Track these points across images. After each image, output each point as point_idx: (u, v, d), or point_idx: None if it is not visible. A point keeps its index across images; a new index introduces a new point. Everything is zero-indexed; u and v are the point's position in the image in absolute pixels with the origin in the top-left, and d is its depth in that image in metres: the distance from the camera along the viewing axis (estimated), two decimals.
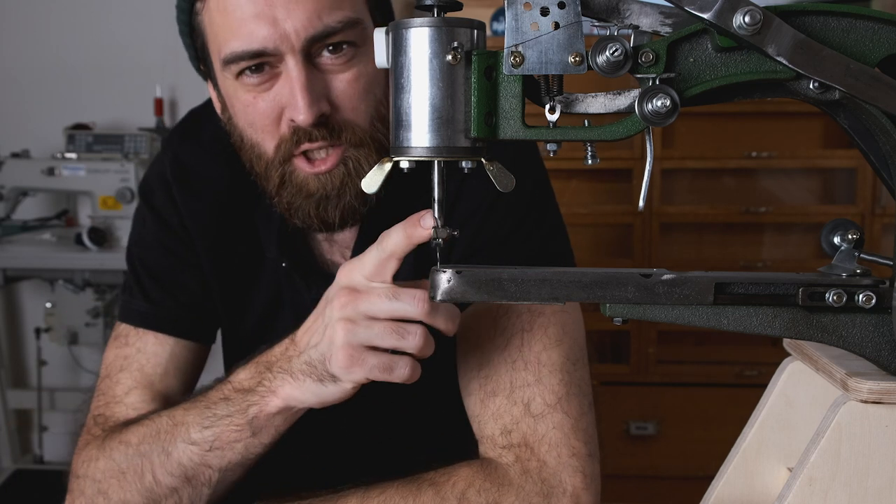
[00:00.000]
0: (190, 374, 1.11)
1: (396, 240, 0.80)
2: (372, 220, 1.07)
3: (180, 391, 1.10)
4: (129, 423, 1.02)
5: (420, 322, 0.82)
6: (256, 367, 0.92)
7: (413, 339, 0.81)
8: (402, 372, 0.83)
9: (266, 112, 0.97)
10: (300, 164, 0.99)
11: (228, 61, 0.96)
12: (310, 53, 0.95)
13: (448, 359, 1.05)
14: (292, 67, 0.94)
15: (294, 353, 0.88)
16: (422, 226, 0.78)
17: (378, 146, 0.99)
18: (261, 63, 0.95)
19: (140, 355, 1.08)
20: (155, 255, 1.13)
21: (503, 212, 1.05)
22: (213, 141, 1.13)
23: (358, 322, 0.81)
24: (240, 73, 0.97)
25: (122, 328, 1.11)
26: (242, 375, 0.93)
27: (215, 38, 0.98)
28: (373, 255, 0.82)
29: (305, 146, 0.97)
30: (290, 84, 0.95)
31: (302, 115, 0.94)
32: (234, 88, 0.99)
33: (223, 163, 1.12)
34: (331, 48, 0.96)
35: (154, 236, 1.13)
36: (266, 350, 0.93)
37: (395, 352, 0.83)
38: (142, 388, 1.07)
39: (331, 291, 0.85)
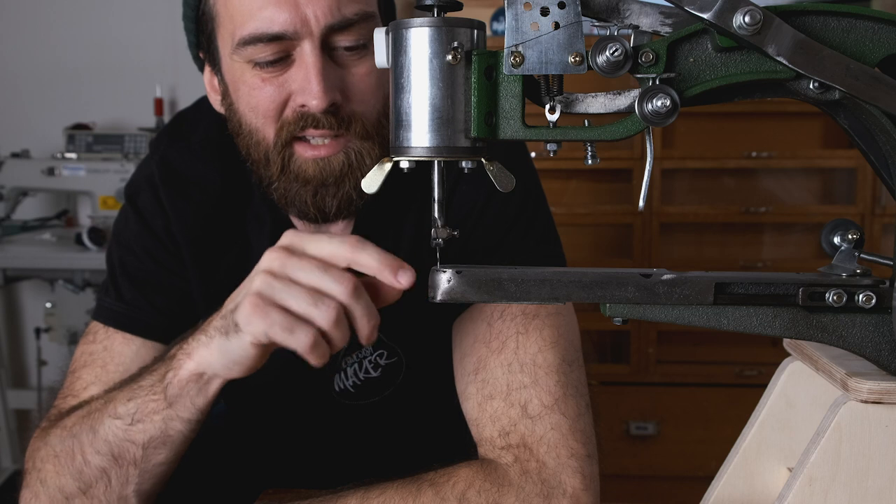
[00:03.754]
0: None
1: (366, 260, 0.79)
2: (365, 221, 1.07)
3: None
4: (72, 410, 1.00)
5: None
6: (184, 337, 0.90)
7: (325, 311, 0.78)
8: (302, 338, 0.78)
9: (272, 96, 0.97)
10: (300, 150, 0.98)
11: (245, 43, 0.95)
12: (326, 43, 0.95)
13: (446, 361, 1.05)
14: (309, 53, 0.94)
15: (217, 315, 0.86)
16: (397, 279, 0.78)
17: (382, 142, 0.99)
18: (276, 56, 0.95)
19: (105, 353, 1.08)
20: (134, 257, 1.12)
21: (494, 215, 1.05)
22: (203, 144, 1.13)
23: (279, 277, 0.80)
24: (255, 65, 0.96)
25: (93, 325, 1.10)
26: (174, 349, 0.91)
27: (230, 20, 0.97)
28: (332, 246, 0.80)
29: (310, 131, 0.97)
30: (305, 70, 0.95)
31: (316, 99, 0.94)
32: (243, 72, 0.98)
33: (213, 166, 1.11)
34: (347, 46, 0.96)
35: (135, 237, 1.12)
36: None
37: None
38: (100, 385, 1.05)
39: (270, 249, 0.83)
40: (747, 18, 0.60)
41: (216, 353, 0.84)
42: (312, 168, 0.98)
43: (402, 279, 0.78)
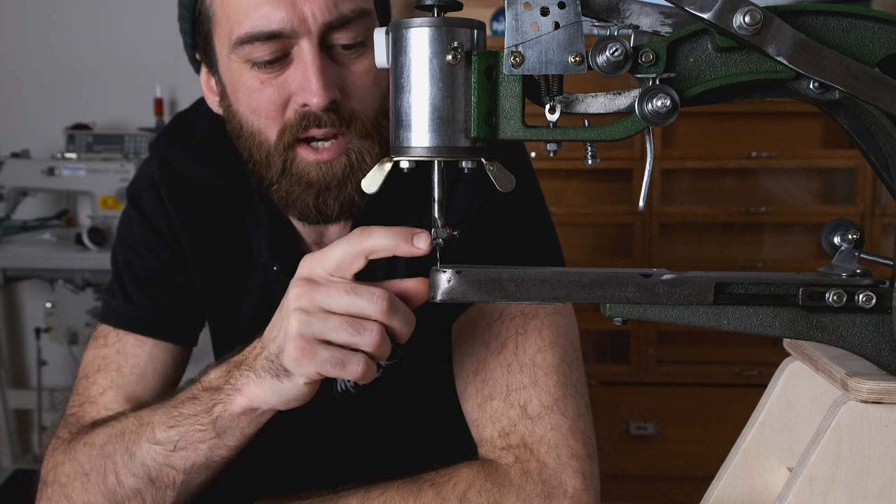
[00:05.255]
0: (169, 377, 1.10)
1: (379, 242, 0.78)
2: (364, 222, 1.06)
3: (158, 393, 1.07)
4: (96, 425, 1.00)
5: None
6: (227, 366, 0.90)
7: (369, 336, 0.78)
8: (354, 368, 0.79)
9: (272, 98, 0.97)
10: (303, 153, 0.98)
11: (242, 42, 0.95)
12: (324, 41, 0.95)
13: (446, 362, 1.05)
14: (307, 51, 0.94)
15: (259, 351, 0.86)
16: (414, 245, 0.76)
17: (381, 140, 0.99)
18: (274, 56, 0.95)
19: (118, 356, 1.07)
20: (138, 257, 1.12)
21: (493, 216, 1.05)
22: (202, 145, 1.13)
23: (313, 313, 0.79)
24: (252, 65, 0.96)
25: (102, 329, 1.10)
26: (213, 375, 0.91)
27: (227, 19, 0.97)
28: (341, 249, 0.80)
29: (313, 131, 0.96)
30: (304, 68, 0.94)
31: (316, 97, 0.94)
32: (241, 72, 0.98)
33: (212, 167, 1.11)
34: (345, 43, 0.96)
35: (139, 238, 1.12)
36: (240, 350, 0.91)
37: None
38: (117, 389, 1.05)
39: (292, 283, 0.83)
40: (747, 18, 0.60)
41: (270, 392, 0.85)
42: (315, 172, 0.98)
43: (418, 244, 0.76)
